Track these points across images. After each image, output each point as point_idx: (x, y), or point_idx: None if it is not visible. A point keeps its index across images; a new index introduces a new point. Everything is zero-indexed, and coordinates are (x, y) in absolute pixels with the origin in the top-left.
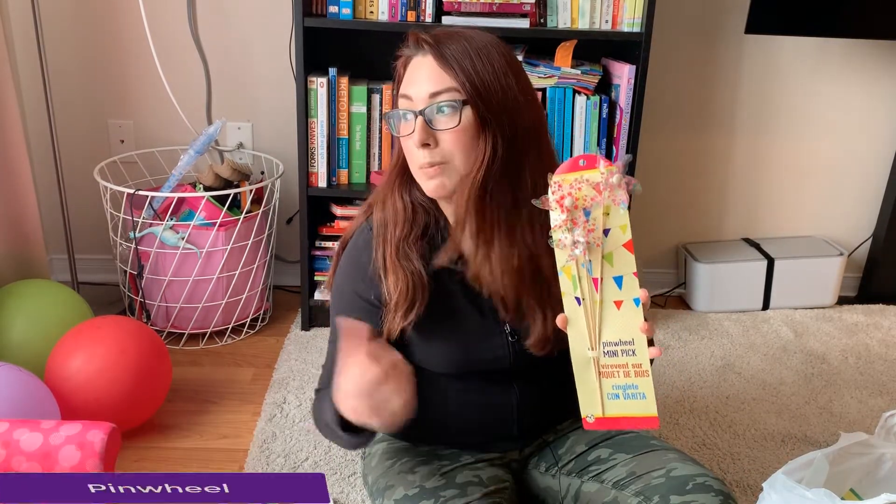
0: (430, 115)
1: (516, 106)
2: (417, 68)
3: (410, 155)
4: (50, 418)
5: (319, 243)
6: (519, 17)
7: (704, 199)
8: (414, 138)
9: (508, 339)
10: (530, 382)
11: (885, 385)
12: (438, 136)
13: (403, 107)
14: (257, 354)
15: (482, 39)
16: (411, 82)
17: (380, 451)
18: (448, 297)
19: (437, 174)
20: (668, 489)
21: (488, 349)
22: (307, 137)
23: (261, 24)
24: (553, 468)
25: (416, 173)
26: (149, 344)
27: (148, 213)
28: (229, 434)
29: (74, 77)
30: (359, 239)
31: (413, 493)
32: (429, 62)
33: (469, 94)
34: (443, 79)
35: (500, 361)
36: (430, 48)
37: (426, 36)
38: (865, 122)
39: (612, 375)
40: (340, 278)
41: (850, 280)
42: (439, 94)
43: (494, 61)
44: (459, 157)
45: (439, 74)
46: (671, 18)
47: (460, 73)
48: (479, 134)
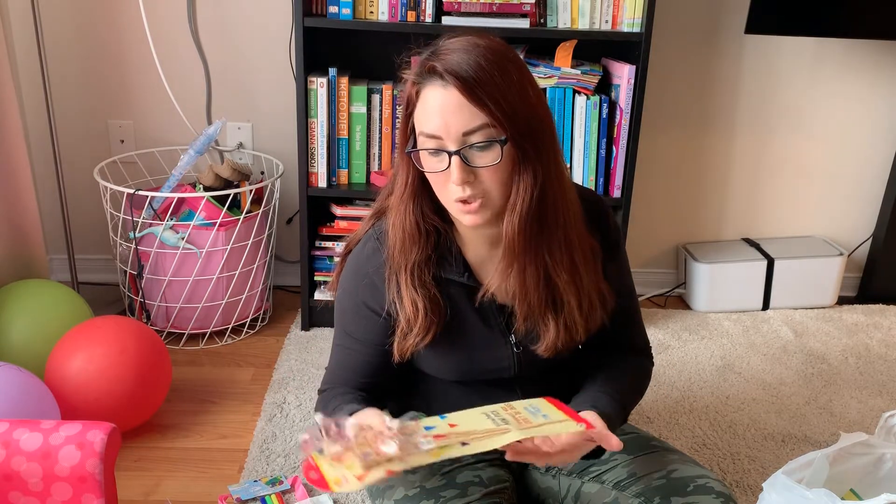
0: (466, 154)
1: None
2: (440, 102)
3: (442, 188)
4: (50, 418)
5: (319, 243)
6: (519, 17)
7: (704, 199)
8: (453, 177)
9: (514, 349)
10: (535, 386)
11: (885, 385)
12: (477, 172)
13: (432, 146)
14: (257, 354)
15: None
16: (436, 119)
17: None
18: (455, 308)
19: (473, 210)
20: (668, 490)
21: (493, 359)
22: (307, 137)
23: (261, 24)
24: (553, 468)
25: (451, 206)
26: (149, 344)
27: (148, 213)
28: (229, 434)
29: (74, 77)
30: (365, 247)
31: (413, 493)
32: (454, 97)
33: (508, 130)
34: (474, 115)
35: (505, 371)
36: (455, 82)
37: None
38: (865, 122)
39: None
40: (345, 285)
41: (850, 280)
42: (474, 133)
43: (514, 77)
44: (498, 191)
45: (470, 111)
46: (671, 18)
47: (495, 108)
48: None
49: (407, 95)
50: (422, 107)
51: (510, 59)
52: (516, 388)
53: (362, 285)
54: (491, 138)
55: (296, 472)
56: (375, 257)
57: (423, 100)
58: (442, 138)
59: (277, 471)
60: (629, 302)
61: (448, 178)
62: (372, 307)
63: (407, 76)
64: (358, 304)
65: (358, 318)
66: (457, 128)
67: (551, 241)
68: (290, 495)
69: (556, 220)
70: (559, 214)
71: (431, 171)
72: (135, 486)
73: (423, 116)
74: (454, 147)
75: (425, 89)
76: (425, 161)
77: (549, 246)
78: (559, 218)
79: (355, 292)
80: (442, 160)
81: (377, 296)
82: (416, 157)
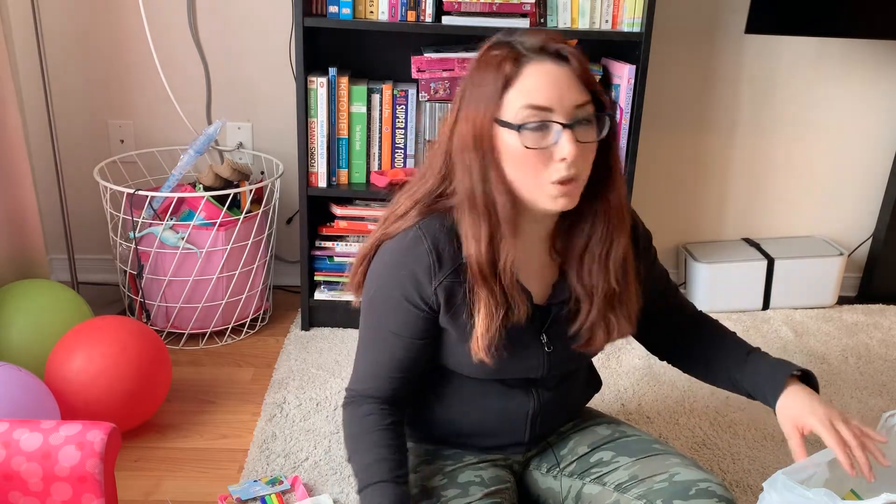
0: (576, 129)
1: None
2: (555, 76)
3: (540, 168)
4: (50, 418)
5: (319, 243)
6: (519, 17)
7: (704, 199)
8: (564, 151)
9: (545, 349)
10: (550, 390)
11: (885, 385)
12: (581, 149)
13: (538, 118)
14: (257, 354)
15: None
16: (550, 91)
17: None
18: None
19: (570, 191)
20: (671, 494)
21: (524, 359)
22: (307, 137)
23: (261, 24)
24: (554, 469)
25: (543, 189)
26: (149, 344)
27: (148, 213)
28: (229, 434)
29: (74, 77)
30: (405, 240)
31: (415, 493)
32: (566, 73)
33: (611, 106)
34: (583, 91)
35: (533, 371)
36: (575, 58)
37: (564, 47)
38: (865, 121)
39: None
40: (384, 279)
41: (850, 280)
42: (583, 107)
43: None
44: (587, 172)
45: (578, 87)
46: (671, 18)
47: (596, 84)
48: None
49: (506, 73)
50: (529, 81)
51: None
52: (533, 390)
53: (404, 278)
54: (598, 113)
55: (296, 471)
56: (417, 249)
57: (529, 74)
58: (553, 110)
59: (277, 471)
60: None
61: (549, 157)
62: (413, 300)
63: (499, 54)
64: (398, 297)
65: (398, 311)
66: (570, 100)
67: (624, 229)
68: (290, 495)
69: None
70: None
71: (536, 146)
72: (135, 486)
73: (530, 89)
74: (566, 120)
75: (531, 64)
76: (528, 139)
77: (624, 233)
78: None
79: (396, 285)
80: (546, 135)
81: (420, 288)
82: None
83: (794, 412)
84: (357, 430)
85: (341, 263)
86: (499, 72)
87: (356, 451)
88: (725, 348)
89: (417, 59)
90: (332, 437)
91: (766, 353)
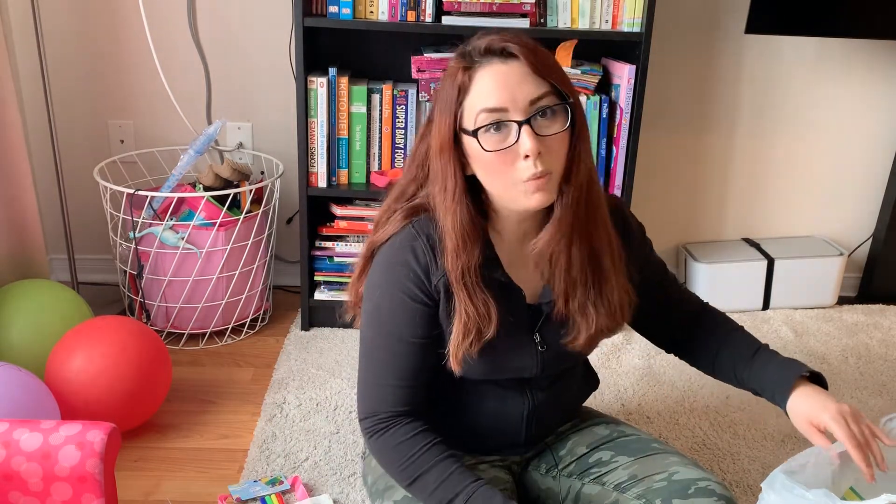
0: (534, 124)
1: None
2: (503, 76)
3: (507, 169)
4: (50, 418)
5: (319, 243)
6: (519, 17)
7: (704, 199)
8: (525, 147)
9: (538, 348)
10: (544, 390)
11: (885, 385)
12: (545, 142)
13: (493, 119)
14: (257, 354)
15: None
16: (501, 91)
17: None
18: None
19: (544, 186)
20: (670, 493)
21: (517, 358)
22: (307, 137)
23: (261, 24)
24: (553, 470)
25: (516, 188)
26: (149, 344)
27: (148, 213)
28: (229, 434)
29: (74, 77)
30: (396, 239)
31: None
32: (517, 69)
33: (573, 94)
34: (538, 84)
35: (527, 370)
36: (522, 53)
37: (503, 44)
38: (865, 121)
39: None
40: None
41: (850, 280)
42: (541, 100)
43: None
44: (559, 164)
45: (534, 80)
46: (671, 18)
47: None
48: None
49: (459, 83)
50: (480, 85)
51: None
52: (527, 390)
53: (404, 277)
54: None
55: (296, 472)
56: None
57: (479, 79)
58: (508, 110)
59: (277, 471)
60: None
61: (514, 156)
62: (415, 296)
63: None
64: (401, 296)
65: (402, 312)
66: (523, 96)
67: (597, 222)
68: (290, 495)
69: (599, 200)
70: (600, 196)
71: (496, 149)
72: (135, 486)
73: (483, 93)
74: (522, 117)
75: (481, 69)
76: (487, 142)
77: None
78: (601, 199)
79: (396, 284)
80: (506, 135)
81: (421, 284)
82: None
83: (807, 411)
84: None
85: (341, 263)
86: (454, 82)
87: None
88: (732, 344)
89: (417, 59)
90: (332, 438)
91: (774, 351)
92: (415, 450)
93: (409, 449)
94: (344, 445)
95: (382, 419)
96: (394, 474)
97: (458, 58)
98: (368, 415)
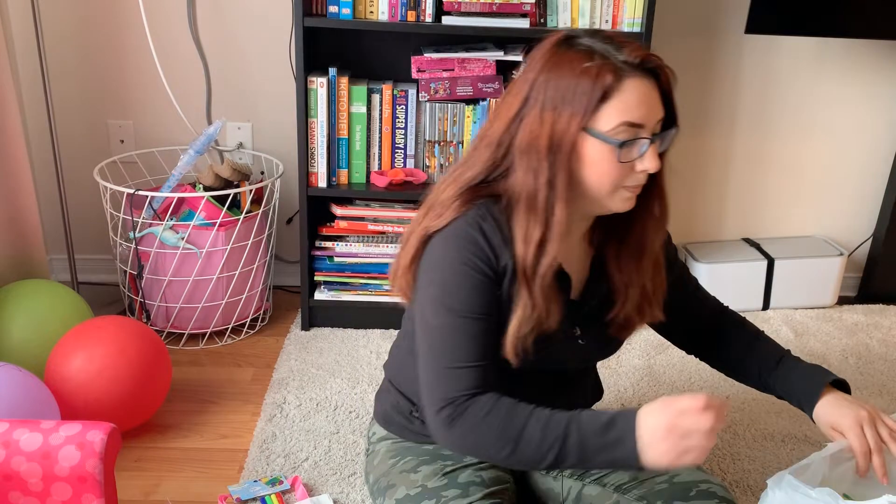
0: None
1: None
2: (643, 92)
3: (616, 176)
4: (50, 418)
5: (319, 243)
6: (519, 17)
7: (704, 199)
8: (647, 164)
9: (578, 342)
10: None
11: (885, 385)
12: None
13: (630, 135)
14: (257, 354)
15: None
16: (643, 109)
17: (382, 450)
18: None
19: (636, 194)
20: (671, 495)
21: (560, 351)
22: (307, 137)
23: (261, 24)
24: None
25: (617, 193)
26: (149, 344)
27: (148, 213)
28: (229, 434)
29: (74, 77)
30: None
31: (415, 493)
32: (654, 90)
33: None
34: (662, 106)
35: (568, 363)
36: (665, 76)
37: (662, 62)
38: (865, 121)
39: None
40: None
41: (850, 280)
42: (661, 121)
43: None
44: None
45: (661, 101)
46: (671, 19)
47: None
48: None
49: (605, 85)
50: (627, 96)
51: None
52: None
53: (469, 251)
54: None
55: (296, 471)
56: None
57: (627, 89)
58: (644, 127)
59: (277, 471)
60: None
61: (630, 166)
62: (483, 270)
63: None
64: (468, 271)
65: (471, 286)
66: (656, 116)
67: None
68: (290, 495)
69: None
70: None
71: (627, 160)
72: (135, 486)
73: (629, 105)
74: (650, 135)
75: (630, 80)
76: (623, 154)
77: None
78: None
79: (463, 259)
80: (633, 149)
81: (486, 259)
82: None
83: (830, 418)
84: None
85: (341, 263)
86: (597, 82)
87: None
88: (755, 352)
89: (417, 59)
90: (332, 438)
91: (797, 358)
92: (502, 413)
93: (497, 416)
94: (344, 445)
95: (461, 403)
96: (490, 447)
97: (602, 58)
98: (445, 403)
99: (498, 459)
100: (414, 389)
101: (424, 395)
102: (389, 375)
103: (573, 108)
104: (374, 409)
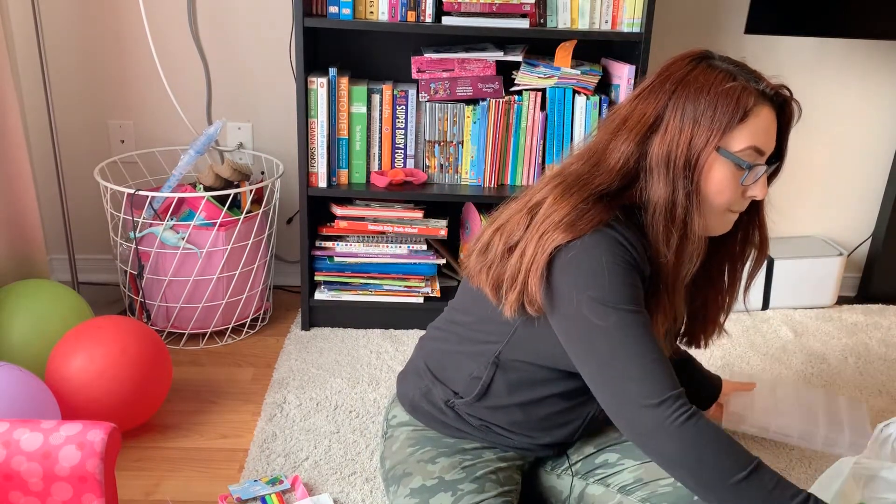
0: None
1: None
2: (770, 121)
3: (728, 197)
4: (50, 418)
5: (319, 243)
6: (519, 17)
7: None
8: (757, 191)
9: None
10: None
11: (885, 385)
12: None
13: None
14: (257, 354)
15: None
16: (768, 138)
17: (403, 436)
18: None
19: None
20: (675, 498)
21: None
22: (307, 137)
23: (261, 24)
24: (559, 467)
25: (724, 215)
26: (149, 344)
27: (148, 213)
28: (229, 434)
29: (74, 77)
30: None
31: (431, 484)
32: (775, 120)
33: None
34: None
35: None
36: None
37: (795, 100)
38: (865, 121)
39: None
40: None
41: (850, 280)
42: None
43: None
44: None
45: (775, 134)
46: (671, 18)
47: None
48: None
49: (746, 107)
50: (759, 122)
51: None
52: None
53: (620, 250)
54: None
55: (296, 471)
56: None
57: (761, 115)
58: (765, 154)
59: (277, 470)
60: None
61: (744, 190)
62: (636, 265)
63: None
64: (623, 266)
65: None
66: (772, 148)
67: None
68: (290, 495)
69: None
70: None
71: (749, 183)
72: (135, 486)
73: (760, 131)
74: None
75: (765, 107)
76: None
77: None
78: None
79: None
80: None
81: (634, 258)
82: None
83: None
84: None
85: (341, 263)
86: (738, 105)
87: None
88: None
89: (417, 59)
90: (332, 437)
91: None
92: (735, 443)
93: (731, 440)
94: (344, 445)
95: (686, 401)
96: (721, 465)
97: (747, 80)
98: (668, 395)
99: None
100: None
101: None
102: (429, 363)
103: (712, 124)
104: (398, 392)
